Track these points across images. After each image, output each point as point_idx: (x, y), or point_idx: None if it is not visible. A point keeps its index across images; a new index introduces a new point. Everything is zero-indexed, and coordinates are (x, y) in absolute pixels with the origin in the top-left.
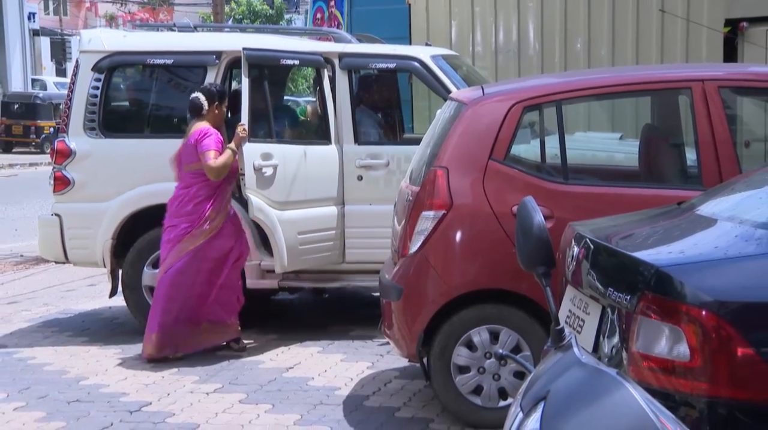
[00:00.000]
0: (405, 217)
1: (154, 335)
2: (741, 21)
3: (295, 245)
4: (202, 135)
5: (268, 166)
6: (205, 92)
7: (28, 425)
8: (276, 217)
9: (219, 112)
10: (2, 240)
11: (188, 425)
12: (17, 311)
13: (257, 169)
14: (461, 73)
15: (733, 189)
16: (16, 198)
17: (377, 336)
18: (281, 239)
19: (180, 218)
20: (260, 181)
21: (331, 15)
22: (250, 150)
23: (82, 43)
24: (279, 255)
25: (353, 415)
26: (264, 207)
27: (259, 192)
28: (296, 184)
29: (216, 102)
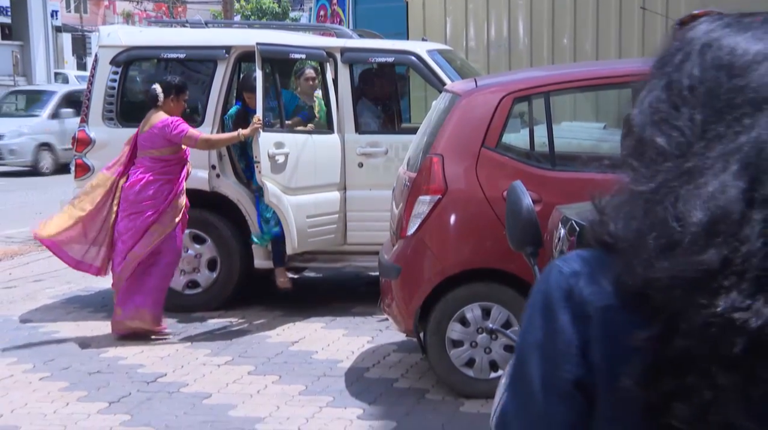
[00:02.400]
0: (403, 201)
1: (144, 311)
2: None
3: (303, 228)
4: (171, 126)
5: (281, 155)
6: (163, 85)
7: (53, 394)
8: (287, 202)
9: (176, 104)
10: (27, 223)
11: (201, 394)
12: (42, 288)
13: (271, 157)
14: (455, 66)
15: None
16: (39, 184)
17: (377, 313)
18: (292, 223)
19: (142, 203)
20: (273, 168)
21: (333, 12)
22: (264, 139)
23: (101, 38)
24: (290, 238)
25: (354, 386)
26: (278, 192)
27: (272, 178)
28: (305, 170)
29: (173, 95)
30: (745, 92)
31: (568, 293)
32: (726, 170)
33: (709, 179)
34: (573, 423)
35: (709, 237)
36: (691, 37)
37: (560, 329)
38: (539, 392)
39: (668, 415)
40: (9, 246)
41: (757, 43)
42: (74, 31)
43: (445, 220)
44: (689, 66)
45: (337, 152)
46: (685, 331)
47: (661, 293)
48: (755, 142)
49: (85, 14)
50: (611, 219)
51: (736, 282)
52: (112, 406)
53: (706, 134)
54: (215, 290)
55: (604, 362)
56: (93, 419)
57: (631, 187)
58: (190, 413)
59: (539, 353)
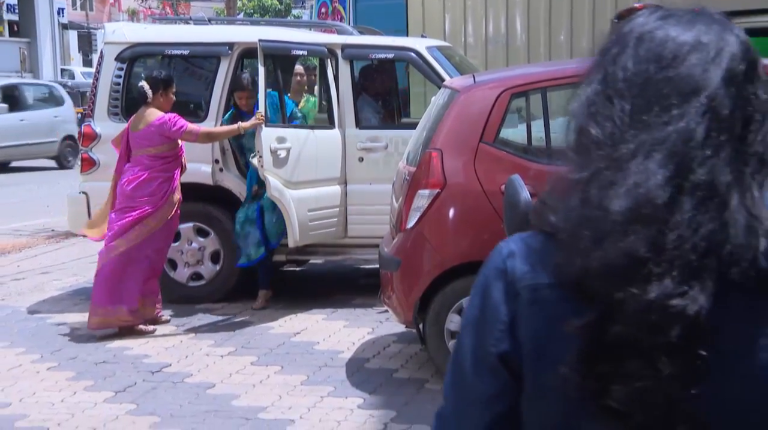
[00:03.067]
0: (402, 195)
1: (122, 308)
2: None
3: (305, 222)
4: (170, 123)
5: (282, 149)
6: (150, 81)
7: (60, 383)
8: (289, 195)
9: (165, 99)
10: (35, 216)
11: (205, 384)
12: (49, 280)
13: (273, 151)
14: (454, 62)
15: None
16: (47, 178)
17: (377, 304)
18: (294, 216)
19: (138, 199)
20: (275, 162)
21: (334, 9)
22: (266, 134)
23: (107, 35)
24: (292, 231)
25: (355, 376)
26: (280, 186)
27: (275, 173)
28: (306, 165)
29: (161, 89)
30: (674, 83)
31: (502, 271)
32: (651, 158)
33: (634, 167)
34: (497, 395)
35: (631, 224)
36: (626, 31)
37: (491, 305)
38: (469, 365)
39: (606, 397)
40: (17, 239)
41: (686, 34)
42: (80, 29)
43: (444, 213)
44: (624, 59)
45: (338, 147)
46: (622, 319)
47: (597, 282)
48: (683, 131)
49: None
50: (551, 209)
51: (667, 269)
52: (118, 395)
53: (635, 124)
54: (218, 282)
55: (530, 339)
56: (99, 408)
57: (568, 176)
58: (195, 403)
59: (472, 329)
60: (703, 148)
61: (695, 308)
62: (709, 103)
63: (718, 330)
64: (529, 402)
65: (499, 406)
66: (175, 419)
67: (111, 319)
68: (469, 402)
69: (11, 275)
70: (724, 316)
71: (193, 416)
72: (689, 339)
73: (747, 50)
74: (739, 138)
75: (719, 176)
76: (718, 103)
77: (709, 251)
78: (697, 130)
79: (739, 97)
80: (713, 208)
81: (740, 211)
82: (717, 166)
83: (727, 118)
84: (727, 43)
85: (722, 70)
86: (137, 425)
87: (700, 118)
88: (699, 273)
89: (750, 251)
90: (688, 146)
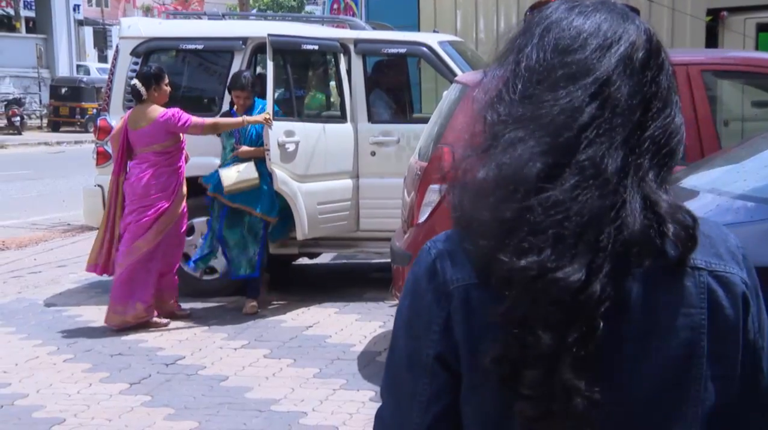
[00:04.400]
0: (414, 190)
1: (138, 304)
2: (722, 10)
3: (314, 215)
4: (174, 117)
5: (291, 143)
6: (141, 77)
7: (76, 375)
8: (297, 188)
9: (160, 92)
10: (51, 210)
11: (218, 376)
12: (65, 273)
13: (281, 145)
14: (466, 57)
15: (714, 164)
16: (63, 172)
17: (388, 298)
18: (303, 209)
19: (152, 197)
20: (283, 156)
21: (346, 5)
22: (274, 127)
23: (122, 30)
24: (300, 224)
25: (366, 369)
26: (287, 179)
27: (282, 166)
28: (316, 159)
29: (153, 84)
30: (569, 67)
31: (432, 273)
32: (531, 135)
33: (511, 143)
34: (436, 394)
35: (498, 190)
36: (534, 22)
37: (424, 308)
38: (405, 367)
39: (519, 384)
40: (34, 233)
41: (587, 23)
42: (96, 25)
43: None
44: (528, 48)
45: (350, 141)
46: (516, 294)
47: (489, 262)
48: (568, 109)
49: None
50: (458, 199)
51: (544, 241)
52: (133, 387)
53: (525, 105)
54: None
55: (465, 337)
56: (115, 400)
57: (472, 164)
58: (208, 395)
59: (405, 331)
60: (590, 130)
61: (575, 280)
62: (600, 86)
63: (620, 309)
64: (466, 399)
65: (439, 405)
66: (189, 411)
67: (128, 316)
68: (408, 403)
69: (28, 269)
70: (626, 296)
71: (206, 408)
72: (585, 316)
73: (648, 39)
74: (638, 124)
75: (607, 159)
76: (612, 88)
77: (588, 227)
78: (584, 110)
79: (638, 83)
80: (598, 188)
81: (633, 195)
82: (606, 149)
83: (622, 103)
84: (626, 31)
85: (618, 57)
86: (152, 416)
87: (588, 99)
88: (576, 247)
89: (643, 235)
90: (572, 126)
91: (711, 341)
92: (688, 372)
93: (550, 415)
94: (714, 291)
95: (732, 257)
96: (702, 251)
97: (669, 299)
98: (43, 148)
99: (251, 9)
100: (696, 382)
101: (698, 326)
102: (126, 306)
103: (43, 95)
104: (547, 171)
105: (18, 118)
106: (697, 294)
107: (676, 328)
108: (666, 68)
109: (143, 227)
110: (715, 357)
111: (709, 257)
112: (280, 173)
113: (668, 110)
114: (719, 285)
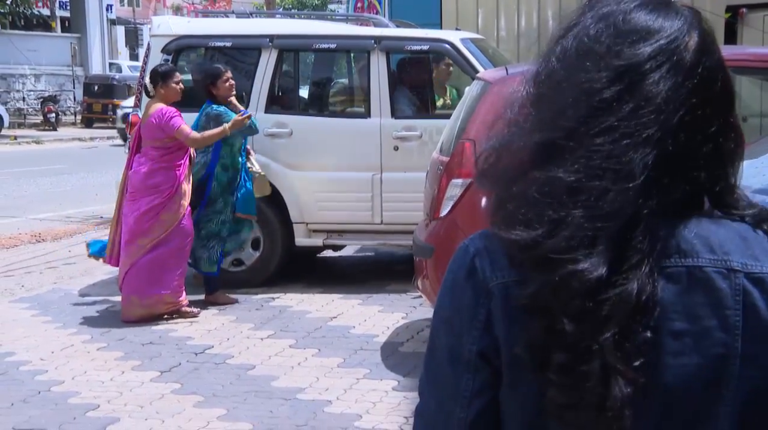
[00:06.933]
0: (436, 184)
1: (166, 296)
2: (741, 7)
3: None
4: (165, 117)
5: (282, 133)
6: (150, 74)
7: (109, 363)
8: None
9: (167, 90)
10: (84, 203)
11: (245, 365)
12: (99, 265)
13: (272, 135)
14: (488, 55)
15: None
16: (96, 167)
17: (411, 290)
18: (295, 195)
19: (148, 189)
20: (273, 147)
21: (370, 4)
22: (264, 119)
23: (153, 28)
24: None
25: (389, 359)
26: (279, 169)
27: (273, 156)
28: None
29: (160, 82)
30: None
31: (471, 271)
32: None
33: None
34: (479, 390)
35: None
36: (583, 10)
37: (465, 306)
38: (447, 364)
39: (550, 370)
40: (68, 225)
41: (634, 16)
42: (127, 24)
43: (476, 202)
44: (571, 33)
45: (374, 136)
46: (537, 283)
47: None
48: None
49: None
50: (484, 185)
51: (569, 231)
52: (164, 375)
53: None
54: (258, 267)
55: (505, 334)
56: (146, 387)
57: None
58: (236, 383)
59: (446, 328)
60: (607, 115)
61: (595, 276)
62: (628, 74)
63: (652, 308)
64: (506, 396)
65: (482, 401)
66: (217, 399)
67: (158, 306)
68: (451, 400)
69: (63, 260)
70: (662, 294)
71: (234, 396)
72: (618, 311)
73: (702, 40)
74: (677, 129)
75: (633, 154)
76: (645, 79)
77: (607, 221)
78: (603, 91)
79: (679, 84)
80: (619, 180)
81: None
82: (630, 141)
83: (655, 97)
84: (671, 27)
85: (655, 49)
86: (181, 403)
87: (610, 84)
88: (595, 240)
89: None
90: (589, 104)
91: (745, 342)
92: (722, 373)
93: (580, 404)
94: (749, 293)
95: None
96: (738, 252)
97: (704, 299)
98: (76, 143)
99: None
100: (729, 382)
101: (732, 327)
102: (151, 297)
103: (77, 92)
104: (547, 146)
105: (53, 115)
106: (732, 295)
107: (711, 328)
108: (717, 78)
109: (137, 220)
110: (749, 359)
111: (746, 259)
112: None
113: (712, 127)
114: (755, 286)
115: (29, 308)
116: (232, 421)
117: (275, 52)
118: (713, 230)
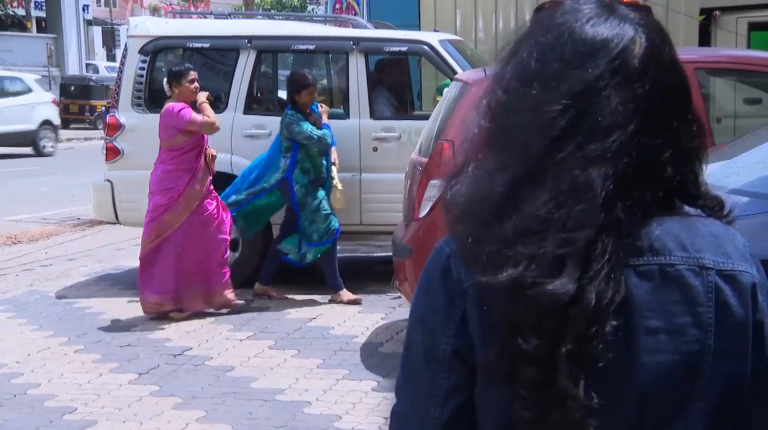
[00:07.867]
0: (415, 185)
1: (156, 296)
2: (714, 10)
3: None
4: (174, 113)
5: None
6: (166, 76)
7: (87, 365)
8: None
9: (180, 89)
10: (62, 205)
11: (224, 367)
12: (76, 267)
13: (251, 136)
14: (466, 56)
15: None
16: (73, 168)
17: (390, 291)
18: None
19: (162, 191)
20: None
21: (348, 5)
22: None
23: (130, 29)
24: None
25: (369, 360)
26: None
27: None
28: None
29: (173, 82)
30: (548, 73)
31: (445, 271)
32: (505, 150)
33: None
34: (453, 389)
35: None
36: (534, 25)
37: (440, 306)
38: (422, 363)
39: (517, 383)
40: (45, 227)
41: (581, 28)
42: (104, 25)
43: None
44: (520, 53)
45: (353, 137)
46: (505, 302)
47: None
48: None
49: (114, 8)
50: (447, 217)
51: (517, 255)
52: (142, 377)
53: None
54: (237, 269)
55: (479, 333)
56: (124, 389)
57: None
58: (215, 385)
59: (422, 328)
60: (565, 141)
61: (564, 293)
62: (582, 94)
63: (627, 306)
64: (481, 395)
65: (456, 400)
66: (196, 401)
67: (144, 306)
68: (426, 399)
69: (39, 262)
70: (634, 294)
71: (213, 398)
72: (581, 324)
73: (649, 43)
74: (634, 135)
75: (592, 171)
76: (596, 96)
77: (573, 243)
78: (558, 119)
79: (632, 93)
80: (582, 201)
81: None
82: (588, 160)
83: (609, 111)
84: (620, 35)
85: (606, 62)
86: (160, 405)
87: (565, 107)
88: (563, 259)
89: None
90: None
91: (718, 339)
92: (695, 369)
93: (546, 419)
94: (721, 290)
95: (740, 255)
96: (710, 250)
97: (678, 297)
98: None
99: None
100: (702, 379)
101: (706, 324)
102: (142, 295)
103: (53, 93)
104: (516, 185)
105: None
106: (704, 293)
107: (685, 326)
108: (669, 77)
109: (147, 219)
110: (722, 355)
111: (718, 256)
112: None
113: (671, 126)
114: (727, 283)
115: (5, 310)
116: (211, 423)
117: (254, 53)
118: (685, 227)
